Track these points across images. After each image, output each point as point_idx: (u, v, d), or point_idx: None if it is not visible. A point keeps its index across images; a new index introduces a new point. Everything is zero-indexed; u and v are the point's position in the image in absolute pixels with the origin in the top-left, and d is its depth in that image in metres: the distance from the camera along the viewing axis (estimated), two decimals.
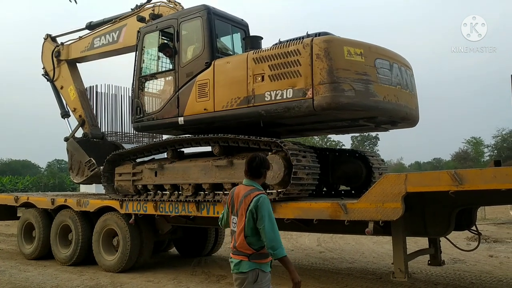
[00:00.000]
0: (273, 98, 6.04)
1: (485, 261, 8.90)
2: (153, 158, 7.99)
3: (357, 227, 5.49)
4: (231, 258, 3.61)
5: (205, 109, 6.70)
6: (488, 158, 54.74)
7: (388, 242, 7.25)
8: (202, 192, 6.85)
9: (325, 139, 50.96)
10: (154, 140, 16.71)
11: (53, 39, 10.65)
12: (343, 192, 7.71)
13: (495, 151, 53.84)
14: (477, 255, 9.30)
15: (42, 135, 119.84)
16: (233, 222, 3.64)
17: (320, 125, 6.91)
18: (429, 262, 6.83)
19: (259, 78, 6.19)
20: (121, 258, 7.89)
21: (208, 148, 7.41)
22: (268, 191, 6.14)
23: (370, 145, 60.58)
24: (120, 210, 7.89)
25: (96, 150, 9.55)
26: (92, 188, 15.01)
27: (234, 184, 6.37)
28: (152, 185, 7.39)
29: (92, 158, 9.04)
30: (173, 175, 7.10)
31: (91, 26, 10.03)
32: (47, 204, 9.29)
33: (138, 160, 8.01)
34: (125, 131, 18.12)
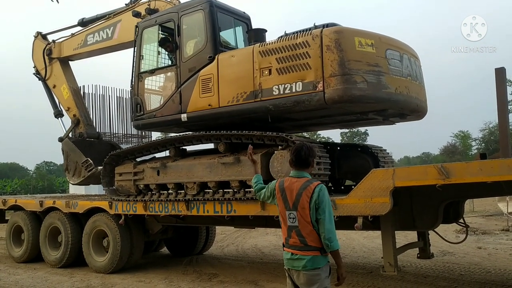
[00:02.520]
0: (281, 92, 5.84)
1: (473, 253, 8.98)
2: (154, 157, 7.75)
3: (346, 223, 5.49)
4: (295, 255, 3.41)
5: (209, 105, 6.48)
6: (475, 151, 55.29)
7: (379, 236, 7.38)
8: (210, 190, 6.65)
9: (315, 135, 50.87)
10: (143, 140, 16.48)
11: (44, 36, 10.33)
12: (332, 188, 7.49)
13: (483, 144, 54.36)
14: (466, 247, 9.44)
15: (30, 137, 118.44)
16: (290, 218, 3.45)
17: (328, 119, 6.73)
18: (419, 255, 6.90)
19: (266, 72, 6.00)
20: (111, 259, 7.83)
21: (210, 145, 7.22)
22: None
23: (360, 141, 60.72)
24: (109, 211, 7.82)
25: (92, 150, 9.28)
26: (82, 190, 14.73)
27: (241, 182, 6.18)
28: (155, 184, 7.14)
29: (89, 158, 8.76)
30: (177, 173, 6.87)
31: (83, 23, 9.72)
32: (36, 206, 9.13)
33: (139, 159, 7.76)
34: (114, 132, 17.88)
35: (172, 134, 7.77)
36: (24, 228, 9.40)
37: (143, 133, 17.07)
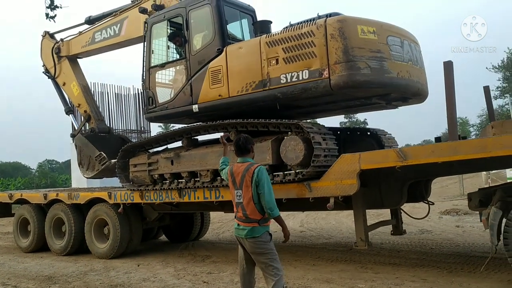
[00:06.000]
0: (289, 80, 6.12)
1: (450, 230, 9.52)
2: (167, 147, 8.04)
3: (321, 204, 6.05)
4: (240, 226, 4.18)
5: (219, 95, 6.76)
6: (474, 137, 55.48)
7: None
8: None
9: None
10: (143, 135, 16.90)
11: (52, 36, 10.53)
12: None
13: (481, 130, 54.64)
14: (445, 226, 10.12)
15: (31, 136, 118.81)
16: (237, 195, 4.22)
17: (333, 105, 7.01)
18: (392, 232, 7.58)
19: (274, 61, 6.26)
20: (112, 245, 8.40)
21: (221, 134, 7.49)
22: (286, 172, 6.25)
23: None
24: (109, 201, 8.41)
25: (104, 144, 9.56)
26: (84, 184, 15.03)
27: None
28: (169, 173, 7.45)
29: (102, 152, 9.05)
30: (190, 162, 7.17)
31: (90, 21, 9.96)
32: (40, 199, 9.69)
33: (152, 150, 8.06)
34: (115, 128, 18.26)
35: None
36: (30, 220, 9.95)
37: (142, 128, 17.54)
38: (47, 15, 6.98)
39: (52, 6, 6.67)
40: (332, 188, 5.75)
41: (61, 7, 6.81)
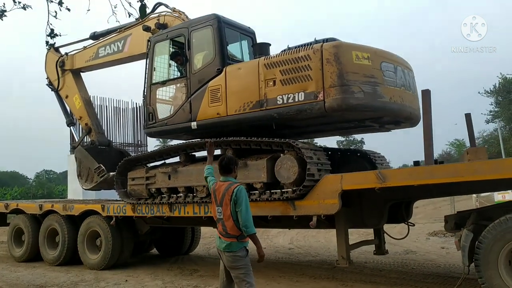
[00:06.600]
0: (285, 102, 6.34)
1: (434, 251, 9.65)
2: (164, 162, 8.21)
3: (305, 222, 6.27)
4: (221, 239, 4.43)
5: (218, 114, 6.97)
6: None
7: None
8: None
9: (313, 143, 51.00)
10: (139, 148, 17.21)
11: (56, 49, 10.78)
12: None
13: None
14: (431, 247, 10.25)
15: (29, 145, 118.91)
16: (218, 212, 4.45)
17: (327, 126, 7.24)
18: (375, 252, 7.72)
19: (271, 83, 6.49)
20: (103, 257, 8.62)
21: (217, 151, 7.66)
22: (273, 190, 6.42)
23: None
24: (102, 213, 8.63)
25: (103, 157, 9.72)
26: (80, 196, 15.21)
27: (248, 185, 6.65)
28: (166, 188, 7.61)
29: (101, 165, 9.22)
30: (187, 177, 7.34)
31: (95, 36, 10.22)
32: (36, 209, 9.93)
33: (150, 164, 8.23)
34: (112, 140, 18.51)
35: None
36: (24, 230, 10.12)
37: (139, 142, 17.84)
38: (47, 42, 7.46)
39: (52, 35, 7.16)
40: (315, 207, 5.98)
41: (60, 35, 7.30)
